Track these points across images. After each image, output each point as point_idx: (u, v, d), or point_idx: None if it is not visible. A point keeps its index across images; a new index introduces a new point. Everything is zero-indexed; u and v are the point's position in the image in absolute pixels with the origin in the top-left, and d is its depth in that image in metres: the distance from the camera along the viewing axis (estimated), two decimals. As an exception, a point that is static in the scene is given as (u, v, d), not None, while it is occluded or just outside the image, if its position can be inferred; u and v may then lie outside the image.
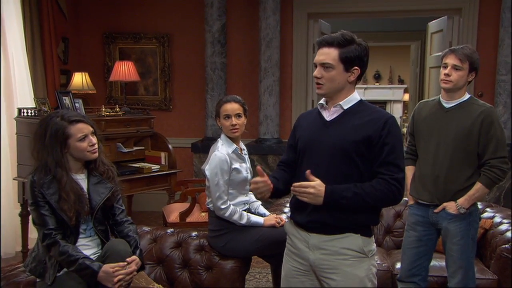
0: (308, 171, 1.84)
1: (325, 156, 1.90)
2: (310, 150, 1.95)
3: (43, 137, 2.12)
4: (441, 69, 2.49)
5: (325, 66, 1.88)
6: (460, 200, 2.41)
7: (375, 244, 1.99)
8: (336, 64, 1.87)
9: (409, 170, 2.66)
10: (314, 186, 1.82)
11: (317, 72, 1.90)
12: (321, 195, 1.82)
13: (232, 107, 2.65)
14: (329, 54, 1.87)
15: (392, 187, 1.84)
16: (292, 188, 1.87)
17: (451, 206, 2.43)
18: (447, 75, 2.43)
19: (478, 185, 2.40)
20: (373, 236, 1.98)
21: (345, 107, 1.92)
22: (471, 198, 2.40)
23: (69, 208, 2.07)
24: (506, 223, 2.97)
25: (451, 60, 2.44)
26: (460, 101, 2.47)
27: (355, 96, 1.95)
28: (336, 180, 1.86)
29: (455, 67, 2.43)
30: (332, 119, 1.94)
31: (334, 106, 1.94)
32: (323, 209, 1.86)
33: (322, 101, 1.99)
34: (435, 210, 2.49)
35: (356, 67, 1.90)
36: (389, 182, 1.84)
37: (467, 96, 2.49)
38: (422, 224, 2.56)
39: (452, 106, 2.47)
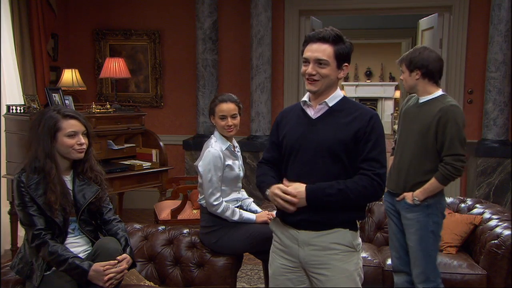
0: (284, 180, 1.85)
1: (312, 155, 1.89)
2: (297, 149, 1.93)
3: (37, 127, 2.12)
4: None
5: (320, 62, 1.86)
6: (416, 192, 2.50)
7: (360, 238, 2.01)
8: (331, 60, 1.86)
9: (391, 160, 2.75)
10: (290, 192, 1.83)
11: (311, 69, 1.87)
12: (302, 196, 1.83)
13: (228, 107, 2.64)
14: (324, 51, 1.85)
15: (374, 182, 1.85)
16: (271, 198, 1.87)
17: (408, 196, 2.52)
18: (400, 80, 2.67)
19: (432, 180, 2.47)
20: (358, 230, 2.00)
21: (331, 104, 1.92)
22: (425, 191, 2.48)
23: (55, 200, 2.05)
24: (495, 219, 3.00)
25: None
26: (430, 97, 2.54)
27: (339, 93, 1.96)
28: (323, 178, 1.86)
29: (401, 71, 2.61)
30: (318, 117, 1.93)
31: (320, 103, 1.93)
32: (312, 207, 1.86)
33: (305, 98, 1.98)
34: (397, 199, 2.59)
35: (346, 64, 1.91)
36: (371, 177, 1.84)
37: (438, 93, 2.55)
38: (393, 211, 2.67)
39: (422, 102, 2.57)
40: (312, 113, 1.95)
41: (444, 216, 2.58)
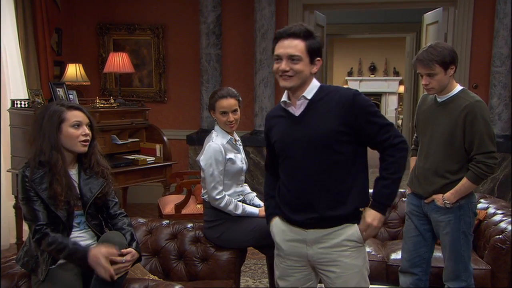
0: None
1: (304, 152, 1.88)
2: (288, 150, 1.93)
3: (41, 121, 2.12)
4: (420, 77, 2.48)
5: (293, 58, 1.84)
6: (447, 195, 2.41)
7: None
8: (304, 56, 1.85)
9: (412, 161, 2.68)
10: (368, 225, 1.89)
11: (285, 65, 1.85)
12: (381, 221, 1.90)
13: (229, 103, 2.65)
14: (296, 46, 1.84)
15: (401, 144, 1.88)
16: None
17: (438, 199, 2.44)
18: (426, 85, 2.42)
19: (464, 180, 2.38)
20: None
21: (309, 97, 1.91)
22: (457, 192, 2.39)
23: (61, 192, 2.05)
24: (500, 214, 2.98)
25: (421, 70, 2.41)
26: (451, 95, 2.44)
27: (315, 83, 1.94)
28: (322, 172, 1.86)
29: (428, 75, 2.39)
30: (301, 113, 1.92)
31: (298, 99, 1.91)
32: (321, 206, 1.86)
33: (284, 97, 1.96)
34: (426, 201, 2.51)
35: (318, 58, 1.89)
36: (395, 144, 1.87)
37: (458, 89, 2.45)
38: (417, 214, 2.58)
39: (443, 100, 2.46)
40: (294, 110, 1.93)
41: (476, 214, 2.51)
